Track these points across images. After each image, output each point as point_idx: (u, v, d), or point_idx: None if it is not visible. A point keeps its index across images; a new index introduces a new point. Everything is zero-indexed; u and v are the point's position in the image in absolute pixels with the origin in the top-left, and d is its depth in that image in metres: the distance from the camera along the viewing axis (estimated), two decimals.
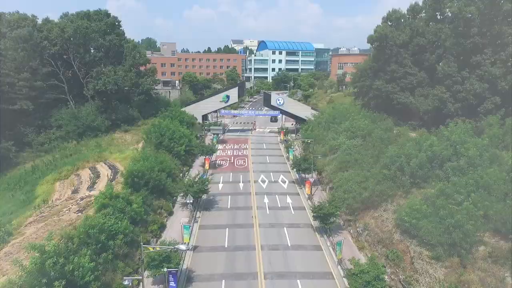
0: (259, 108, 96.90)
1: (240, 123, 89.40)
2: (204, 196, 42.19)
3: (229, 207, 41.52)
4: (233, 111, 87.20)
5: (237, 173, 52.71)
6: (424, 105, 44.24)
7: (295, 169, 49.21)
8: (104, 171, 44.64)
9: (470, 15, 38.71)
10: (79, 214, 31.37)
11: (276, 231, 35.91)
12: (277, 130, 77.98)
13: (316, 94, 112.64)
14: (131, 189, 36.29)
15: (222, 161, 58.21)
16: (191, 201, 38.49)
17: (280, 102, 73.21)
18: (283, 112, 75.76)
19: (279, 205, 41.98)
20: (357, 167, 41.39)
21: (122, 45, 62.95)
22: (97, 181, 41.35)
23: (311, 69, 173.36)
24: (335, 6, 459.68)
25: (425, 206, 28.09)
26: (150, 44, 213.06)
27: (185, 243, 31.69)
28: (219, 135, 71.34)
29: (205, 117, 78.77)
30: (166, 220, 37.87)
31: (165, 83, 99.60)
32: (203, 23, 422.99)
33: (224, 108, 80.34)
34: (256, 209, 40.72)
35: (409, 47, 50.01)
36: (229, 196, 44.18)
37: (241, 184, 48.30)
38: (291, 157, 55.21)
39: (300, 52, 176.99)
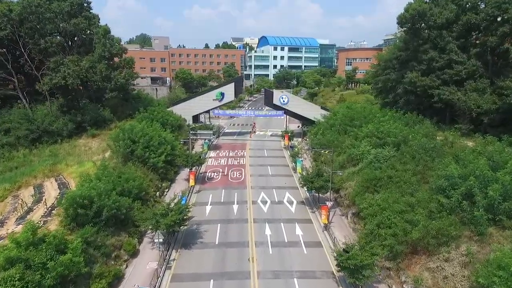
0: (260, 108, 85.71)
1: (238, 125, 78.12)
2: (185, 227, 31.07)
3: (217, 242, 30.26)
4: (229, 111, 75.74)
5: (231, 189, 41.54)
6: (483, 102, 32.64)
7: (305, 187, 37.81)
8: (51, 191, 33.45)
9: None
10: None
11: (283, 285, 24.67)
12: (280, 133, 66.72)
13: (323, 92, 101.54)
14: (72, 223, 25.32)
15: (213, 173, 46.93)
16: (161, 240, 26.98)
17: (284, 101, 62.02)
18: (288, 112, 64.45)
19: (286, 240, 30.72)
20: (393, 187, 30.21)
21: (92, 31, 51.61)
22: (35, 207, 30.12)
23: (315, 66, 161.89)
24: (335, 6, 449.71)
25: None
26: (144, 40, 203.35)
27: None
28: (211, 141, 60.09)
29: (196, 118, 67.57)
30: (126, 266, 26.62)
31: (154, 80, 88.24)
32: (203, 23, 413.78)
33: (219, 107, 69.37)
34: (254, 246, 29.50)
35: (453, 28, 38.51)
36: (219, 225, 32.98)
37: (235, 207, 37.08)
38: (299, 169, 43.96)
39: (304, 48, 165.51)
